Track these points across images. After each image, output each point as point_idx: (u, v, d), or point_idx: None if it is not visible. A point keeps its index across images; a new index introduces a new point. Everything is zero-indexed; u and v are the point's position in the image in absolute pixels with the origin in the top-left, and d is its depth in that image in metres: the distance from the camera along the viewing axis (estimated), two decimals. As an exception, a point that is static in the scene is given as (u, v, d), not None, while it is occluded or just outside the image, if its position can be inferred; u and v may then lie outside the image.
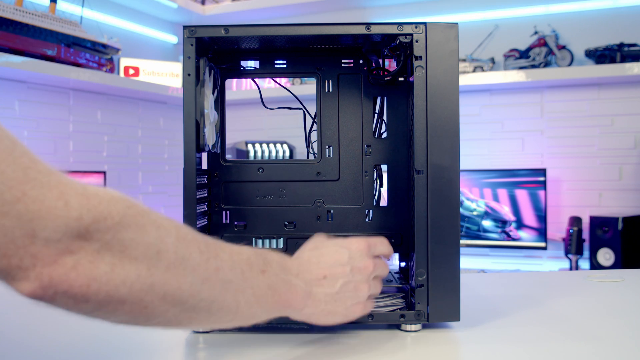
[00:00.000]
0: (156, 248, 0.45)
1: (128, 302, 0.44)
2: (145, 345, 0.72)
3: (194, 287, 0.48)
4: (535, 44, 2.69)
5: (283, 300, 0.57)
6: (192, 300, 0.48)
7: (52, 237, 0.40)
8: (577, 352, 0.66)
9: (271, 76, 0.90)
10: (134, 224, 0.44)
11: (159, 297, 0.46)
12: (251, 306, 0.54)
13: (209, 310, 0.50)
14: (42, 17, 2.19)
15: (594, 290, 1.01)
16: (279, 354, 0.67)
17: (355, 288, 0.64)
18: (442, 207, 0.74)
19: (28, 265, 0.40)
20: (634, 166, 2.63)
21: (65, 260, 0.41)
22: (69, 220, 0.40)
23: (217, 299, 0.50)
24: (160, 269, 0.45)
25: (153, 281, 0.45)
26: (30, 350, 0.70)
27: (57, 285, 0.41)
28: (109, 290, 0.43)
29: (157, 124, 3.09)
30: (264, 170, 0.86)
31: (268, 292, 0.55)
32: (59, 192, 0.41)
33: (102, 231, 0.42)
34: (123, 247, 0.43)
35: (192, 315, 0.49)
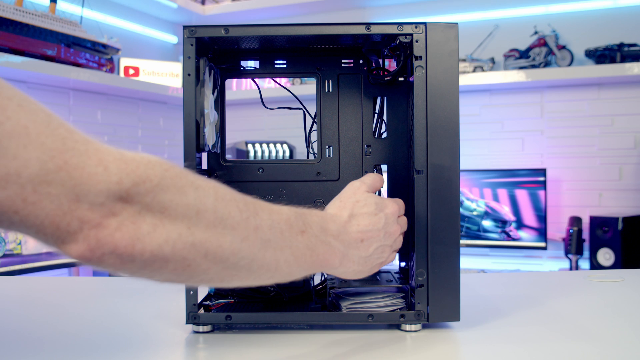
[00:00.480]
0: (195, 208, 0.47)
1: (172, 261, 0.46)
2: (145, 345, 0.72)
3: (234, 245, 0.50)
4: (535, 44, 2.69)
5: (321, 259, 0.60)
6: (233, 258, 0.50)
7: (96, 201, 0.42)
8: (577, 352, 0.66)
9: (271, 76, 0.90)
10: (172, 186, 0.46)
11: (200, 255, 0.47)
12: (290, 265, 0.56)
13: (249, 268, 0.52)
14: (42, 17, 2.19)
15: (594, 290, 1.01)
16: (279, 354, 0.67)
17: (383, 250, 0.68)
18: (442, 207, 0.74)
19: (75, 229, 0.42)
20: (634, 166, 2.63)
21: (109, 222, 0.43)
22: (110, 185, 0.42)
23: (256, 257, 0.52)
24: (201, 228, 0.47)
25: (194, 240, 0.47)
26: (30, 350, 0.70)
27: (104, 245, 0.43)
28: (152, 249, 0.44)
29: (157, 124, 3.09)
30: (264, 170, 0.86)
31: (307, 253, 0.57)
32: (98, 158, 0.43)
33: (142, 194, 0.44)
34: (163, 208, 0.45)
35: (234, 272, 0.51)
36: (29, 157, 0.40)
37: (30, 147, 0.40)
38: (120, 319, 0.84)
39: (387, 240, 0.68)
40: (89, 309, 0.91)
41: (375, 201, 0.68)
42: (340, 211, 0.67)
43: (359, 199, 0.68)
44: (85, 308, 0.92)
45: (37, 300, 0.99)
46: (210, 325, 0.76)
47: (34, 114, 0.41)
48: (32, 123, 0.41)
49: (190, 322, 0.75)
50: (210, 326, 0.76)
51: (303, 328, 0.77)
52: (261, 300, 0.83)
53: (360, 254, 0.65)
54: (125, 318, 0.85)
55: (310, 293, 0.85)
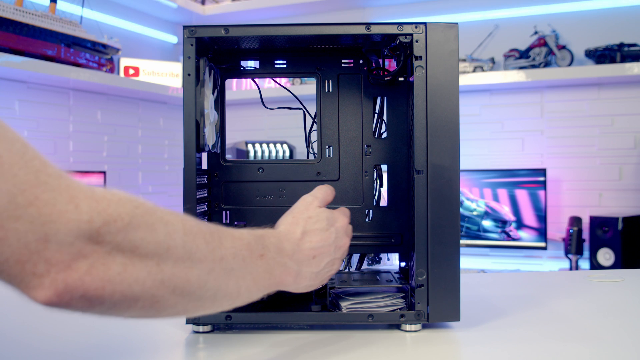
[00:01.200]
0: (165, 245, 0.46)
1: (141, 299, 0.45)
2: (145, 346, 0.72)
3: (201, 278, 0.50)
4: (535, 44, 2.69)
5: (277, 281, 0.60)
6: (199, 291, 0.50)
7: (65, 241, 0.40)
8: (577, 352, 0.66)
9: (271, 76, 0.90)
10: (143, 224, 0.45)
11: (169, 291, 0.47)
12: (250, 290, 0.57)
13: (214, 298, 0.52)
14: (42, 17, 2.19)
15: (594, 290, 1.01)
16: (279, 354, 0.67)
17: (332, 264, 0.70)
18: (442, 207, 0.74)
19: (42, 272, 0.40)
20: (634, 166, 2.63)
21: (79, 265, 0.41)
22: (81, 224, 0.41)
23: (221, 287, 0.52)
24: (170, 265, 0.47)
25: (163, 277, 0.46)
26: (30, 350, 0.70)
27: (73, 290, 0.41)
28: (122, 290, 0.43)
29: (157, 124, 3.09)
30: (264, 170, 0.86)
31: (265, 276, 0.58)
32: (70, 195, 0.41)
33: (113, 233, 0.42)
34: (134, 247, 0.44)
35: (199, 304, 0.51)
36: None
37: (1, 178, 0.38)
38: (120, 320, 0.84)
39: (337, 254, 0.70)
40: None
41: (327, 216, 0.70)
42: (293, 227, 0.67)
43: (311, 214, 0.69)
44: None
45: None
46: (210, 325, 0.76)
47: (10, 143, 0.40)
48: (7, 153, 0.39)
49: (190, 322, 0.75)
50: (210, 326, 0.76)
51: (303, 328, 0.77)
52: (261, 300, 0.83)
53: (312, 270, 0.66)
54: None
55: (310, 293, 0.85)
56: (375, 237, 0.85)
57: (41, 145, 2.50)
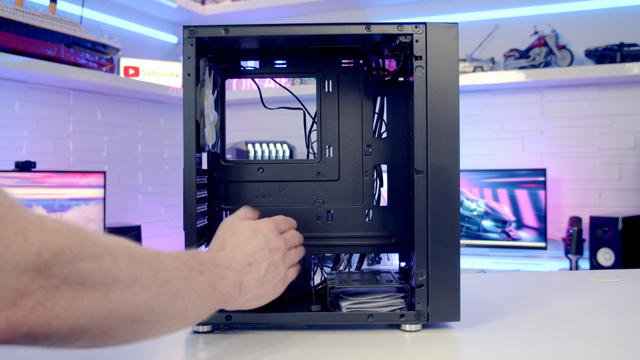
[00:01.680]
0: (112, 274, 0.45)
1: (89, 331, 0.44)
2: (145, 346, 0.72)
3: (148, 304, 0.49)
4: (535, 44, 2.69)
5: (223, 294, 0.60)
6: (147, 316, 0.49)
7: (11, 276, 0.38)
8: (577, 352, 0.66)
9: (271, 76, 0.90)
10: (91, 254, 0.44)
11: (117, 320, 0.46)
12: (197, 308, 0.56)
13: (162, 321, 0.52)
14: (42, 17, 2.19)
15: (594, 290, 1.01)
16: (279, 354, 0.67)
17: (276, 267, 0.69)
18: (442, 207, 0.74)
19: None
20: (634, 166, 2.63)
21: (24, 302, 0.39)
22: (28, 257, 0.39)
23: (168, 310, 0.52)
24: (117, 293, 0.46)
25: (111, 307, 0.45)
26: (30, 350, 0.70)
27: (16, 329, 0.39)
28: (70, 324, 0.42)
29: (157, 124, 3.09)
30: (264, 170, 0.86)
31: (210, 291, 0.58)
32: (19, 226, 0.39)
33: (61, 265, 0.41)
34: (82, 279, 0.43)
35: (147, 329, 0.51)
36: None
37: None
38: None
39: (275, 256, 0.69)
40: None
41: (249, 225, 0.70)
42: (220, 245, 0.68)
43: (233, 229, 0.70)
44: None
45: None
46: (210, 325, 0.76)
47: None
48: None
49: (190, 322, 0.75)
50: (210, 326, 0.76)
51: (303, 328, 0.77)
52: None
53: (254, 277, 0.66)
54: (125, 318, 0.85)
55: (310, 293, 0.85)
56: (375, 237, 0.86)
57: (41, 145, 2.50)
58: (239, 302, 0.64)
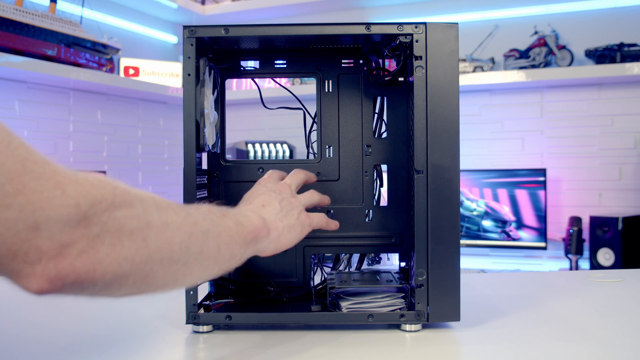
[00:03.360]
0: (145, 219, 0.48)
1: (132, 275, 0.46)
2: (145, 345, 0.72)
3: (183, 244, 0.51)
4: (535, 44, 2.69)
5: (250, 232, 0.62)
6: (184, 257, 0.52)
7: (54, 228, 0.41)
8: (577, 352, 0.66)
9: (271, 76, 0.90)
10: (124, 202, 0.46)
11: (157, 263, 0.48)
12: (229, 246, 0.58)
13: (198, 261, 0.54)
14: (42, 17, 2.19)
15: (594, 290, 1.01)
16: (279, 354, 0.67)
17: (289, 202, 0.71)
18: (442, 207, 0.74)
19: (34, 260, 0.40)
20: (634, 166, 2.63)
21: (69, 251, 0.42)
22: (69, 209, 0.41)
23: (203, 249, 0.54)
24: (153, 238, 0.48)
25: (149, 251, 0.47)
26: (30, 350, 0.70)
27: (65, 276, 0.42)
28: (113, 270, 0.44)
29: (157, 124, 3.09)
30: (264, 170, 0.86)
31: (237, 229, 0.60)
32: (56, 181, 0.42)
33: (99, 214, 0.43)
34: (119, 226, 0.45)
35: (186, 270, 0.52)
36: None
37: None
38: (120, 319, 0.84)
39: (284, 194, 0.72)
40: (88, 309, 0.91)
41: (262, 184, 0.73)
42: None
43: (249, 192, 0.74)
44: (85, 308, 0.92)
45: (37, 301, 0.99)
46: (210, 325, 0.76)
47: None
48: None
49: (190, 322, 0.75)
50: (210, 326, 0.76)
51: (303, 328, 0.77)
52: (261, 300, 0.83)
53: (273, 211, 0.68)
54: (125, 318, 0.85)
55: (310, 293, 0.85)
56: (375, 237, 0.86)
57: (41, 145, 2.50)
58: (270, 237, 0.66)
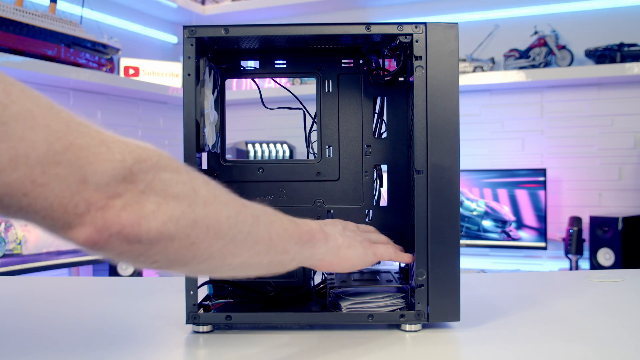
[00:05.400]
0: (192, 186, 0.48)
1: (177, 239, 0.46)
2: (145, 345, 0.72)
3: (231, 219, 0.51)
4: (535, 44, 2.69)
5: (305, 231, 0.61)
6: (232, 232, 0.51)
7: (102, 181, 0.43)
8: (577, 352, 0.66)
9: (271, 76, 0.90)
10: (169, 166, 0.48)
11: (203, 231, 0.48)
12: (282, 238, 0.57)
13: (246, 241, 0.53)
14: (42, 17, 2.19)
15: (594, 290, 1.01)
16: (279, 354, 0.67)
17: (352, 230, 0.71)
18: (442, 207, 0.74)
19: (83, 211, 0.42)
20: (634, 166, 2.63)
21: (115, 203, 0.43)
22: (114, 163, 0.43)
23: (252, 231, 0.53)
24: (199, 205, 0.48)
25: (195, 216, 0.48)
26: (30, 350, 0.70)
27: (111, 226, 0.43)
28: (158, 227, 0.45)
29: (157, 124, 3.09)
30: (264, 170, 0.86)
31: (292, 225, 0.59)
32: (100, 139, 0.44)
33: (145, 171, 0.45)
34: (165, 186, 0.46)
35: (234, 249, 0.52)
36: (36, 138, 0.40)
37: (37, 129, 0.40)
38: (120, 319, 0.84)
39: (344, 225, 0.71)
40: (89, 309, 0.91)
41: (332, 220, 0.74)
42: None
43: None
44: (85, 308, 0.92)
45: (37, 300, 0.99)
46: (210, 325, 0.76)
47: (37, 99, 0.42)
48: (37, 107, 0.41)
49: (190, 322, 0.75)
50: (210, 326, 0.76)
51: (303, 328, 0.77)
52: (261, 300, 0.83)
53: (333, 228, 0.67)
54: (125, 318, 0.85)
55: (310, 293, 0.85)
56: (375, 237, 0.85)
57: (41, 145, 2.50)
58: (328, 244, 0.65)
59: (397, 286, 0.80)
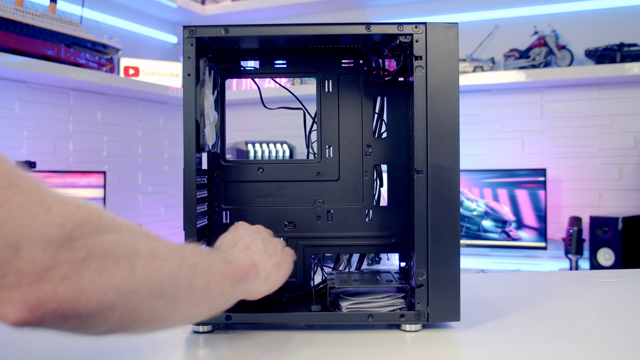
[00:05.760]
0: (132, 247, 0.45)
1: (118, 307, 0.43)
2: (145, 345, 0.72)
3: (172, 276, 0.49)
4: (535, 44, 2.69)
5: (239, 270, 0.60)
6: (172, 290, 0.49)
7: (37, 249, 0.38)
8: (577, 353, 0.66)
9: (271, 76, 0.90)
10: (110, 227, 0.44)
11: (144, 294, 0.46)
12: (219, 283, 0.56)
13: (187, 295, 0.51)
14: (42, 17, 2.19)
15: (594, 290, 1.01)
16: (279, 354, 0.67)
17: (270, 241, 0.71)
18: (442, 207, 0.74)
19: (12, 284, 0.37)
20: (634, 166, 2.63)
21: (52, 276, 0.39)
22: (52, 228, 0.39)
23: (192, 283, 0.51)
24: (140, 266, 0.45)
25: (137, 280, 0.45)
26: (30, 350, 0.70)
27: (46, 304, 0.38)
28: (98, 298, 0.41)
29: (157, 124, 3.09)
30: (264, 170, 0.86)
31: (227, 267, 0.58)
32: (40, 199, 0.39)
33: (85, 236, 0.41)
34: (106, 251, 0.42)
35: (175, 305, 0.50)
36: None
37: None
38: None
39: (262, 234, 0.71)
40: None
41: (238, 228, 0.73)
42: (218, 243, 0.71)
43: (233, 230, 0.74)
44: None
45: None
46: (210, 325, 0.76)
47: None
48: None
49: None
50: (210, 326, 0.76)
51: (303, 328, 0.77)
52: (261, 300, 0.83)
53: (258, 252, 0.67)
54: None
55: (310, 293, 0.85)
56: (375, 237, 0.86)
57: (41, 145, 2.50)
58: (260, 277, 0.65)
59: (397, 286, 0.80)
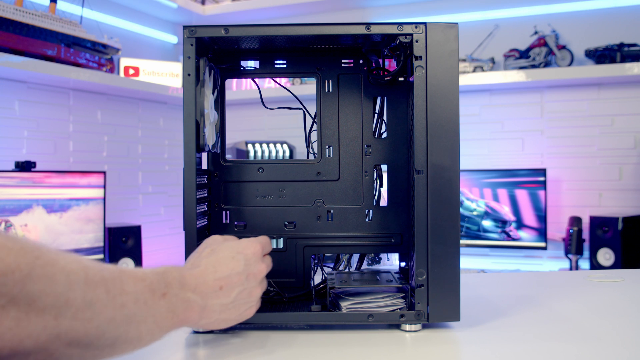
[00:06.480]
0: (65, 297, 0.44)
1: (33, 353, 0.42)
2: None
3: (100, 329, 0.47)
4: (535, 44, 2.69)
5: (181, 319, 0.58)
6: (97, 342, 0.47)
7: None
8: (577, 352, 0.66)
9: (271, 76, 0.90)
10: (43, 275, 0.42)
11: (64, 344, 0.44)
12: (152, 333, 0.54)
13: (112, 345, 0.49)
14: (42, 17, 2.19)
15: (594, 290, 1.01)
16: (279, 354, 0.67)
17: (249, 294, 0.67)
18: (442, 207, 0.74)
19: None
20: (634, 166, 2.63)
21: None
22: None
23: (121, 335, 0.50)
24: (68, 318, 0.44)
25: (59, 331, 0.43)
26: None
27: None
28: (13, 345, 0.41)
29: (157, 124, 3.09)
30: (264, 170, 0.86)
31: (168, 316, 0.56)
32: None
33: (9, 285, 0.40)
34: (31, 300, 0.41)
35: (96, 352, 0.48)
36: None
37: None
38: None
39: (251, 283, 0.67)
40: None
41: (231, 245, 0.68)
42: (196, 260, 0.66)
43: (214, 247, 0.68)
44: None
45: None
46: (210, 325, 0.76)
47: None
48: None
49: (190, 322, 0.75)
50: (210, 326, 0.76)
51: (303, 328, 0.77)
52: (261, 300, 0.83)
53: (222, 302, 0.64)
54: (125, 318, 0.85)
55: (310, 293, 0.85)
56: (375, 237, 0.86)
57: (41, 145, 2.50)
58: (198, 324, 0.63)
59: (397, 286, 0.80)
